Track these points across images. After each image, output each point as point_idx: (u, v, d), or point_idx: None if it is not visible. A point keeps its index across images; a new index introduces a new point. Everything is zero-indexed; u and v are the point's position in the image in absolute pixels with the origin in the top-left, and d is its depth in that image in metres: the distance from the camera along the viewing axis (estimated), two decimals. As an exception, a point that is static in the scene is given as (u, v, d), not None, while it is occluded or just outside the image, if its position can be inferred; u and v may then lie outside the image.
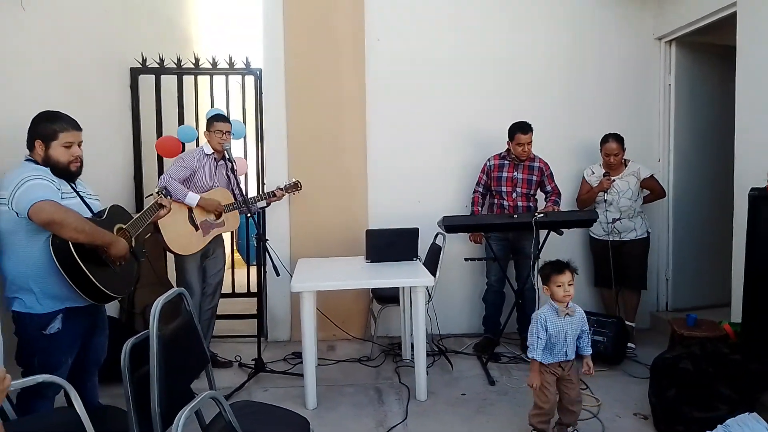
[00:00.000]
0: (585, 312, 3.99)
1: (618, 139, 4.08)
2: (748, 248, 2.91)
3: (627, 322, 4.17)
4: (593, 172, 4.24)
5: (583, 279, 4.60)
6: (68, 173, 2.45)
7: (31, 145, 2.42)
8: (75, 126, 2.47)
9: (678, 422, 2.73)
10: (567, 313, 2.72)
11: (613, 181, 4.09)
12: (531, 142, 4.00)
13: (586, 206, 4.22)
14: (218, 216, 3.73)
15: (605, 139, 4.12)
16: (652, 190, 4.23)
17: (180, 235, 3.54)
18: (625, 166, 4.17)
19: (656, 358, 3.02)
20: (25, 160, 2.42)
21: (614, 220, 4.12)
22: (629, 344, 4.10)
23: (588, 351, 2.81)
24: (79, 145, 2.48)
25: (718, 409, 2.54)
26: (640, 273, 4.24)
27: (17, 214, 2.26)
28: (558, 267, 2.74)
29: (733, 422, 1.99)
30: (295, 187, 4.07)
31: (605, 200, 4.09)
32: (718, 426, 2.03)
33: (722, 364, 2.67)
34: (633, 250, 4.15)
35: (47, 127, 2.40)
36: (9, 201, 2.26)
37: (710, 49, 4.57)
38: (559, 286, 2.70)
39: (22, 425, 1.79)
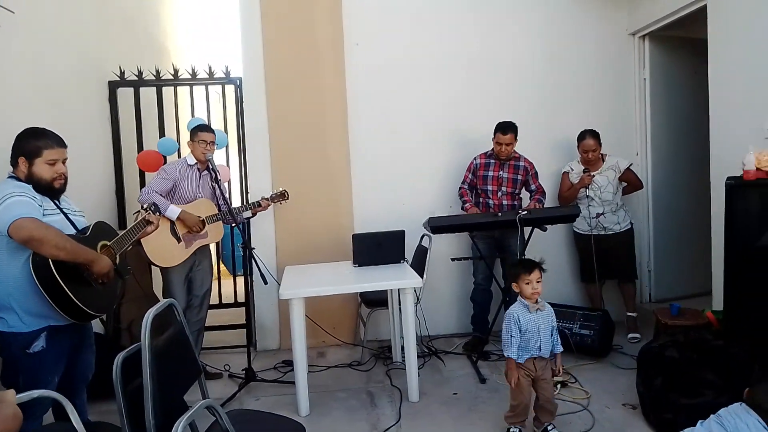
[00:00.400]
0: (571, 307, 4.12)
1: (594, 135, 4.15)
2: (726, 237, 2.98)
3: (628, 313, 4.29)
4: (572, 169, 4.31)
5: (569, 275, 4.66)
6: (51, 190, 2.42)
7: (14, 162, 2.39)
8: (60, 143, 2.45)
9: (666, 410, 2.78)
10: (538, 308, 2.80)
11: (593, 176, 4.16)
12: (511, 143, 4.04)
13: (569, 203, 4.29)
14: (202, 227, 3.71)
15: (582, 136, 4.19)
16: (629, 182, 4.31)
17: (162, 247, 3.52)
18: (603, 161, 4.25)
19: (642, 348, 3.07)
20: (8, 177, 2.39)
21: (598, 215, 4.19)
22: (633, 335, 4.18)
23: (558, 349, 2.85)
24: (64, 162, 2.46)
25: (704, 395, 2.60)
26: (629, 264, 4.32)
27: None
28: (526, 265, 2.82)
29: (725, 413, 2.03)
30: (281, 196, 4.02)
31: (587, 196, 4.16)
32: (711, 417, 2.06)
33: (706, 350, 2.73)
34: (620, 243, 4.22)
35: (31, 143, 2.38)
36: None
37: (683, 43, 4.67)
38: (528, 283, 2.78)
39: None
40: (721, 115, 3.66)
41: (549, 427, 2.83)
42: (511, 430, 2.86)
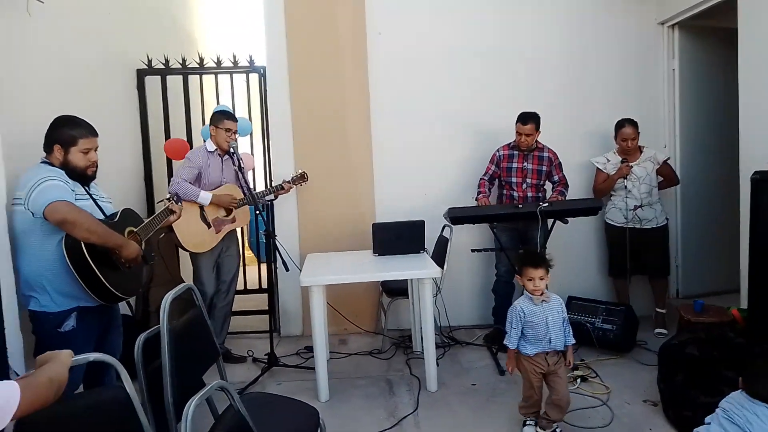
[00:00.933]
0: (594, 301, 4.08)
1: (633, 123, 4.07)
2: (751, 232, 2.91)
3: (657, 309, 4.23)
4: (608, 160, 4.22)
5: (594, 268, 4.61)
6: (84, 177, 2.53)
7: (49, 149, 2.47)
8: (93, 132, 2.55)
9: (686, 407, 2.74)
10: (543, 300, 2.71)
11: (632, 167, 4.08)
12: (532, 134, 3.98)
13: (604, 195, 4.22)
14: (228, 212, 3.78)
15: (621, 124, 4.10)
16: (665, 176, 4.22)
17: (193, 233, 3.61)
18: (641, 152, 4.16)
19: (663, 345, 3.03)
20: (41, 162, 2.48)
21: (635, 207, 4.10)
22: (660, 330, 4.13)
23: (570, 341, 2.77)
24: (95, 150, 2.56)
25: (724, 393, 2.55)
26: (663, 260, 4.24)
27: (33, 214, 2.32)
28: (533, 261, 2.73)
29: (729, 407, 1.98)
30: (301, 178, 4.12)
31: (625, 187, 4.07)
32: (717, 411, 2.02)
33: (727, 348, 2.68)
34: (655, 238, 4.14)
35: (67, 132, 2.47)
36: (25, 201, 2.33)
37: (713, 33, 4.54)
38: (530, 279, 2.69)
39: (76, 400, 1.81)
40: (750, 108, 3.55)
41: (557, 430, 2.77)
42: (527, 422, 2.84)
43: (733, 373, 2.59)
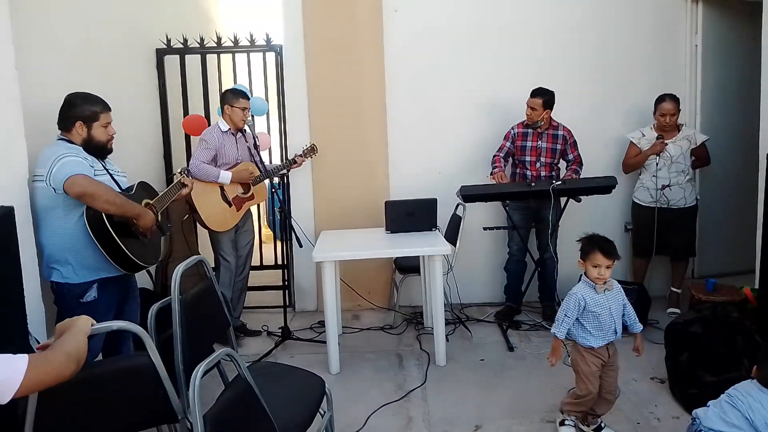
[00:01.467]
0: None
1: (675, 99, 3.97)
2: (765, 212, 2.88)
3: (673, 288, 4.21)
4: (644, 135, 4.12)
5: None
6: (104, 150, 2.64)
7: (68, 126, 2.56)
8: (108, 107, 2.66)
9: (692, 386, 2.77)
10: (606, 288, 2.51)
11: (666, 144, 4.01)
12: (537, 109, 3.93)
13: (633, 170, 4.18)
14: (247, 190, 3.86)
15: (661, 99, 4.01)
16: (699, 157, 4.14)
17: (216, 213, 3.71)
18: (679, 130, 4.08)
19: (669, 324, 3.04)
20: (58, 140, 2.57)
21: (663, 187, 4.03)
22: (673, 309, 4.13)
23: (638, 327, 2.60)
24: (111, 124, 2.66)
25: (729, 371, 2.57)
26: (689, 242, 4.18)
27: (54, 189, 2.42)
28: (604, 248, 2.48)
29: (735, 392, 1.97)
30: (312, 150, 4.20)
31: (656, 164, 4.00)
32: (722, 396, 2.01)
33: (729, 326, 2.68)
34: (683, 218, 4.07)
35: (88, 108, 2.57)
36: (46, 178, 2.43)
37: (739, 6, 4.41)
38: (596, 266, 2.48)
39: (101, 366, 1.91)
40: (773, 85, 3.48)
41: (602, 424, 2.65)
42: (566, 421, 2.65)
43: (735, 351, 2.61)
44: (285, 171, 4.16)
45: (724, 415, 1.91)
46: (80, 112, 2.55)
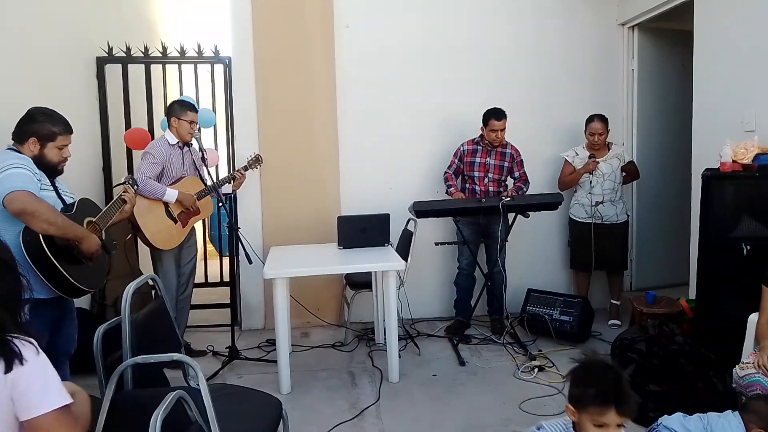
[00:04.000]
0: (553, 293, 4.19)
1: (602, 119, 4.17)
2: (701, 227, 3.05)
3: (612, 301, 4.37)
4: (577, 154, 4.31)
5: (554, 261, 4.74)
6: (55, 172, 2.53)
7: (22, 139, 2.43)
8: (70, 129, 2.55)
9: (636, 394, 2.86)
10: None
11: (598, 163, 4.18)
12: (504, 129, 4.06)
13: (568, 188, 4.33)
14: (195, 207, 3.74)
15: (590, 119, 4.20)
16: (629, 172, 4.35)
17: (161, 230, 3.55)
18: (609, 149, 4.27)
19: (615, 339, 3.16)
20: (8, 149, 2.43)
21: (597, 203, 4.20)
22: (614, 321, 4.28)
23: None
24: (68, 147, 2.55)
25: (671, 383, 2.70)
26: (622, 256, 4.37)
27: None
28: (622, 400, 1.57)
29: (713, 415, 2.04)
30: (256, 161, 4.10)
31: (590, 182, 4.18)
32: (697, 414, 2.06)
33: (670, 344, 2.81)
34: (615, 234, 4.25)
35: (48, 127, 2.45)
36: None
37: (671, 35, 4.70)
38: (601, 426, 1.58)
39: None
40: (703, 107, 3.71)
41: None
42: None
43: (680, 368, 2.75)
44: (230, 189, 4.03)
45: (686, 422, 1.96)
46: (37, 129, 2.43)
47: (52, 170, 2.50)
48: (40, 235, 2.28)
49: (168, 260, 3.66)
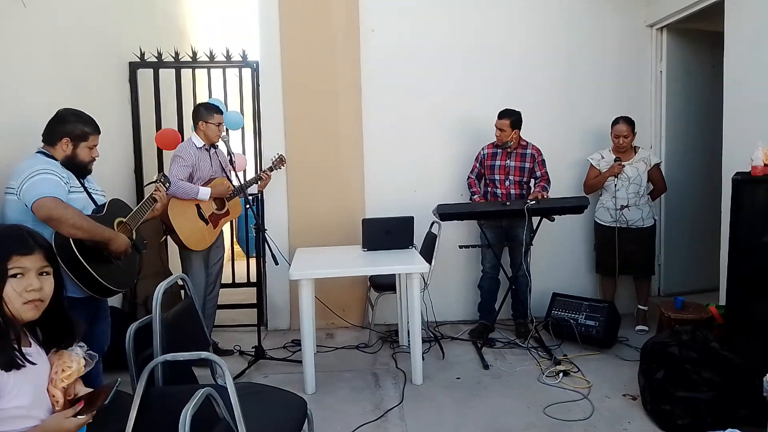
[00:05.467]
0: (578, 298, 4.15)
1: (628, 121, 4.12)
2: (731, 232, 2.99)
3: (639, 306, 4.30)
4: (603, 157, 4.26)
5: (580, 265, 4.69)
6: (85, 171, 2.59)
7: (54, 140, 2.49)
8: (98, 130, 2.62)
9: (665, 401, 2.82)
10: None
11: (624, 166, 4.13)
12: (505, 130, 4.03)
13: (594, 191, 4.29)
14: (222, 206, 3.81)
15: (615, 121, 4.16)
16: (654, 181, 4.26)
17: (194, 231, 3.63)
18: (635, 152, 4.22)
19: (646, 343, 3.10)
20: (37, 152, 2.50)
21: (622, 207, 4.16)
22: (641, 327, 4.22)
23: None
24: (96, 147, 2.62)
25: (702, 391, 2.65)
26: (648, 261, 4.30)
27: (25, 204, 2.34)
28: None
29: None
30: (280, 161, 4.18)
31: (615, 186, 4.13)
32: None
33: (705, 351, 2.76)
34: (641, 238, 4.19)
35: (80, 128, 2.52)
36: (18, 191, 2.34)
37: (701, 36, 4.63)
38: None
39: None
40: (734, 110, 3.64)
41: None
42: None
43: (711, 374, 2.70)
44: (255, 190, 4.11)
45: None
46: (70, 130, 2.50)
47: (82, 170, 2.57)
48: (70, 239, 2.35)
49: (197, 261, 3.74)
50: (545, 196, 3.99)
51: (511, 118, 4.03)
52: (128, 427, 1.67)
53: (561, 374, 3.47)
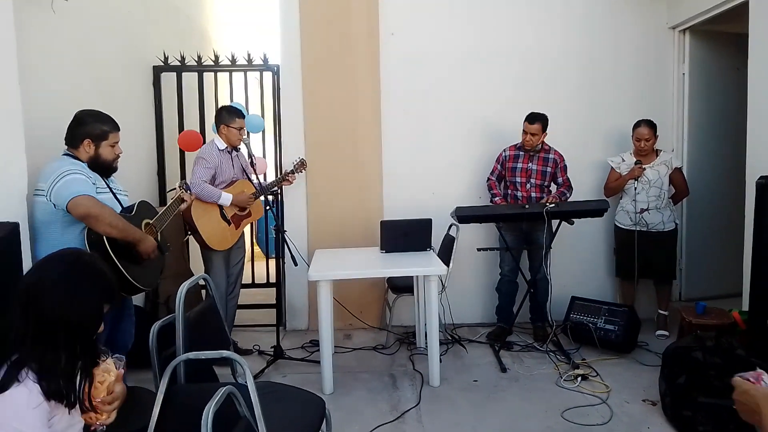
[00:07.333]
0: (597, 302, 4.12)
1: (650, 124, 4.09)
2: (755, 236, 2.95)
3: (660, 311, 4.25)
4: (624, 160, 4.23)
5: (599, 269, 4.65)
6: (109, 169, 2.65)
7: (76, 143, 2.56)
8: (117, 126, 2.68)
9: (686, 407, 2.79)
10: None
11: (644, 169, 4.10)
12: (537, 134, 4.03)
13: (614, 194, 4.26)
14: (244, 207, 3.87)
15: (637, 124, 4.13)
16: (676, 185, 4.22)
17: (216, 232, 3.70)
18: (657, 155, 4.18)
19: (669, 346, 3.07)
20: (63, 155, 2.57)
21: (642, 210, 4.12)
22: (662, 332, 4.17)
23: None
24: (118, 144, 2.68)
25: (725, 397, 2.60)
26: (669, 265, 4.25)
27: (54, 205, 2.41)
28: None
29: None
30: (302, 165, 4.23)
31: (635, 189, 4.09)
32: None
33: (730, 357, 2.72)
34: (662, 242, 4.15)
35: (99, 127, 2.58)
36: (47, 193, 2.41)
37: (724, 38, 4.56)
38: None
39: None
40: (759, 113, 3.58)
41: None
42: None
43: (728, 382, 2.65)
44: (277, 188, 4.17)
45: None
46: (90, 131, 2.56)
47: (107, 169, 2.63)
48: (104, 237, 2.41)
49: (218, 261, 3.80)
50: (562, 200, 3.97)
51: (543, 122, 4.03)
52: (152, 423, 1.71)
53: (579, 378, 3.45)
